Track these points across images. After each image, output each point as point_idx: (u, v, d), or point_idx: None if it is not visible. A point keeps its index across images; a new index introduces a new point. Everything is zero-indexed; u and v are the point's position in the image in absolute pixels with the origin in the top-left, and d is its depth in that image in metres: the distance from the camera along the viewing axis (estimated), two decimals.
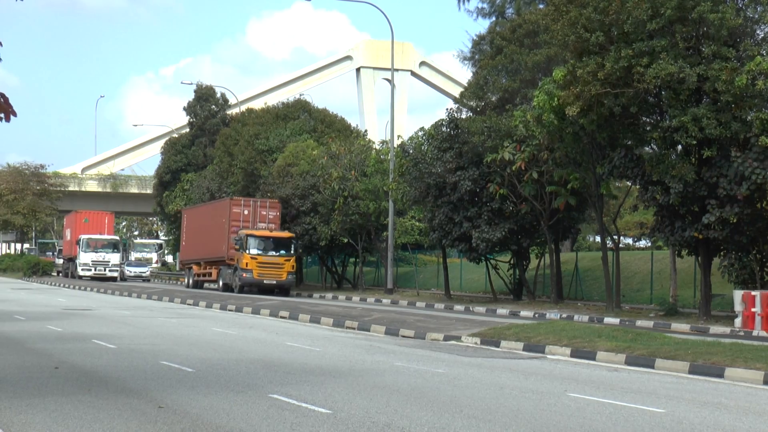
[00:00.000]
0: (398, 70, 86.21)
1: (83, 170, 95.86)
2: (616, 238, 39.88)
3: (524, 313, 34.01)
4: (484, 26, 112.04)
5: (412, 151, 42.63)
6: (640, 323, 28.78)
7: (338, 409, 12.02)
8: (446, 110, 41.13)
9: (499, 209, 38.68)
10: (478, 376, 16.00)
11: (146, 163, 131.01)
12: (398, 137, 48.91)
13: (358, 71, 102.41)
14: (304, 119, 58.68)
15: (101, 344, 19.87)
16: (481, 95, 41.05)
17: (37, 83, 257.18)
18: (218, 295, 44.51)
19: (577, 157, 33.48)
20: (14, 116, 10.28)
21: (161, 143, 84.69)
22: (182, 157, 74.90)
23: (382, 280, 54.83)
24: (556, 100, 30.28)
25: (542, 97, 31.13)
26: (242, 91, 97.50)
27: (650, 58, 27.50)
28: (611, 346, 19.42)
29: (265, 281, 46.69)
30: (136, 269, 70.39)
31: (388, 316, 29.36)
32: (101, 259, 65.25)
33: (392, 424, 11.11)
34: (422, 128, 43.13)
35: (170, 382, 14.21)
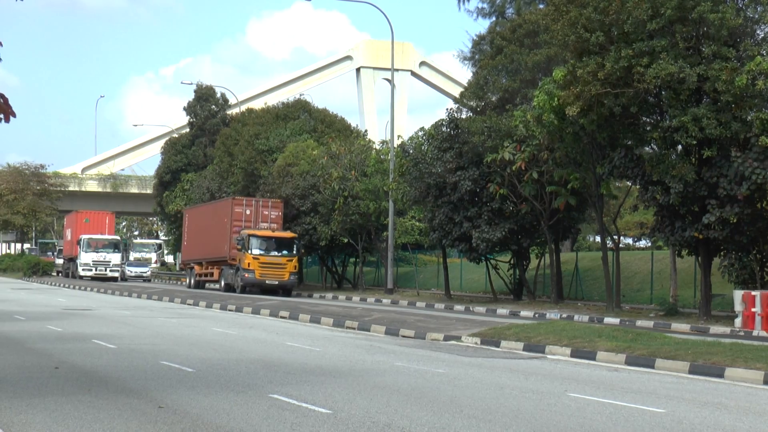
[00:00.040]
0: (398, 70, 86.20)
1: (83, 170, 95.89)
2: (616, 238, 39.89)
3: (524, 313, 34.01)
4: (484, 26, 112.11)
5: (412, 151, 42.63)
6: (640, 323, 28.78)
7: (338, 409, 12.02)
8: (446, 110, 41.17)
9: (499, 209, 38.68)
10: (478, 376, 16.00)
11: (146, 163, 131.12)
12: (398, 137, 48.92)
13: (358, 71, 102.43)
14: (304, 119, 58.70)
15: (101, 344, 19.87)
16: (481, 95, 41.04)
17: (37, 83, 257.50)
18: (218, 295, 44.51)
19: (577, 157, 33.48)
20: (14, 117, 10.27)
21: (161, 143, 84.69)
22: (182, 157, 74.87)
23: (382, 280, 54.82)
24: (556, 100, 30.28)
25: (542, 97, 31.13)
26: (242, 91, 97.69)
27: (650, 58, 27.50)
28: (611, 346, 19.42)
29: (267, 282, 46.56)
30: (136, 269, 70.32)
31: (388, 316, 29.36)
32: (102, 259, 65.26)
33: (392, 424, 11.11)
34: (422, 128, 43.16)
35: (170, 382, 14.21)
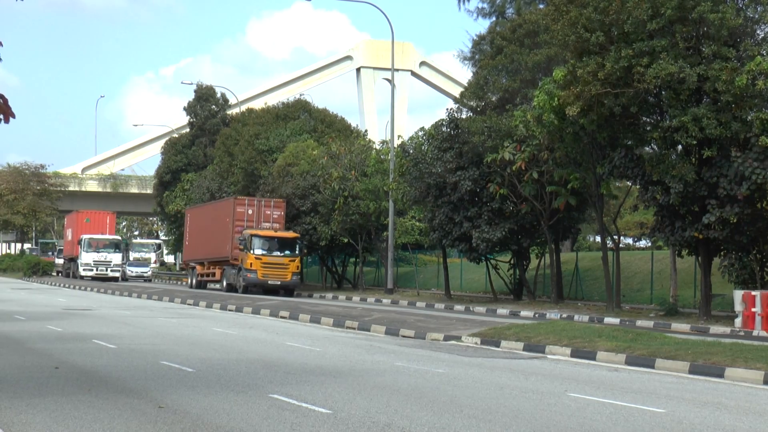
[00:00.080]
0: (398, 70, 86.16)
1: (83, 170, 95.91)
2: (616, 238, 39.89)
3: (524, 313, 34.01)
4: (484, 26, 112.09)
5: (412, 151, 42.63)
6: (640, 323, 28.78)
7: (338, 409, 12.02)
8: (446, 110, 41.16)
9: (499, 209, 38.67)
10: (478, 376, 16.00)
11: (146, 163, 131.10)
12: (398, 137, 48.92)
13: (358, 71, 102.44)
14: (304, 119, 58.72)
15: (101, 344, 19.87)
16: (481, 95, 41.04)
17: (37, 83, 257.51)
18: (219, 295, 44.49)
19: (577, 157, 33.48)
20: (13, 118, 10.25)
21: (161, 143, 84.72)
22: (182, 157, 74.89)
23: (382, 280, 54.82)
24: (556, 100, 30.28)
25: (542, 97, 31.13)
26: (242, 91, 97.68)
27: (650, 58, 27.50)
28: (611, 346, 19.42)
29: (269, 282, 46.43)
30: (137, 269, 70.28)
31: (388, 316, 29.36)
32: (103, 259, 65.27)
33: (392, 424, 11.11)
34: (422, 128, 43.16)
35: (170, 382, 14.21)
